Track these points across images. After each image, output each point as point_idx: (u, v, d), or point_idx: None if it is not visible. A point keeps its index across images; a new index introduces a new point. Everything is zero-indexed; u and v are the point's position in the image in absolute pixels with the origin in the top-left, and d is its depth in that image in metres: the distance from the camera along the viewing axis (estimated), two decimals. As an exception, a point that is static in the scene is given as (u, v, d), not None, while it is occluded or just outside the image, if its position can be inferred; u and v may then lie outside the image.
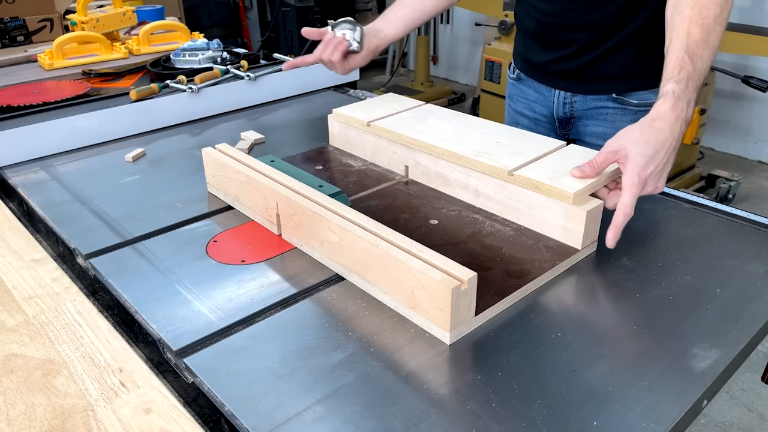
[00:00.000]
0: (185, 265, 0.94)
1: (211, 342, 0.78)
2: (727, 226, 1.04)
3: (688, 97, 0.90)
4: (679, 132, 0.89)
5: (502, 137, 1.10)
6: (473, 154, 1.05)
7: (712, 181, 3.43)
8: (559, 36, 1.29)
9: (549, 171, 0.97)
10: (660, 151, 0.87)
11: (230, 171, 1.08)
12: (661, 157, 0.88)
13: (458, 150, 1.07)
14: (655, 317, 0.82)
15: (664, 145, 0.88)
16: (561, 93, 1.35)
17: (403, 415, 0.67)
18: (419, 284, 0.77)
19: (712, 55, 0.94)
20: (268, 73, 1.72)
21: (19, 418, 0.68)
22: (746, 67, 3.64)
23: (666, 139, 0.88)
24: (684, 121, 0.90)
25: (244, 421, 0.66)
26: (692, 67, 0.91)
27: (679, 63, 0.92)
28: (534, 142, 1.08)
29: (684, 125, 0.90)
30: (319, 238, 0.92)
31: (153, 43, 2.15)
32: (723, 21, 0.95)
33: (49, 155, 1.36)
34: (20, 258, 0.99)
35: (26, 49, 2.16)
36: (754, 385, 2.13)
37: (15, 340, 0.81)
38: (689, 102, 0.90)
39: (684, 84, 0.90)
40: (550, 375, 0.72)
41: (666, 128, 0.88)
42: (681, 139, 0.90)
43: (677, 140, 0.89)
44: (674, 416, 0.66)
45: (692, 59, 0.91)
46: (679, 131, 0.89)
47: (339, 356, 0.75)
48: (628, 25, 1.21)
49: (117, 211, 1.10)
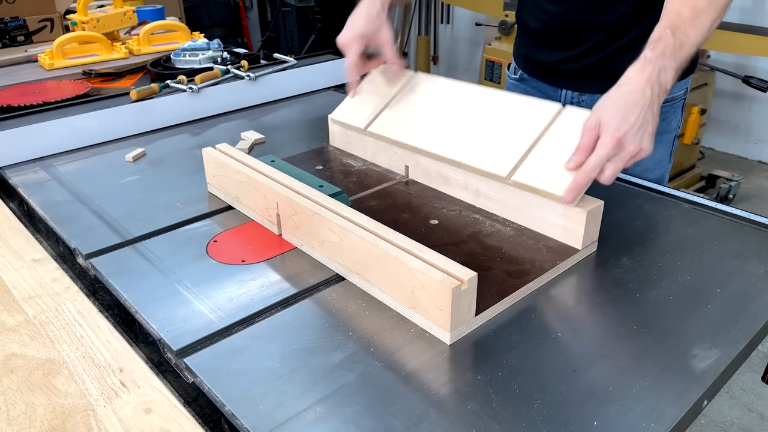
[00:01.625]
0: (185, 265, 0.94)
1: (212, 342, 0.78)
2: (728, 226, 1.04)
3: (662, 64, 0.89)
4: (651, 94, 0.88)
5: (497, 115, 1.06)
6: (471, 158, 1.04)
7: (713, 181, 3.43)
8: (568, 37, 1.28)
9: (547, 167, 0.95)
10: (631, 110, 0.87)
11: (230, 171, 1.08)
12: (635, 117, 0.87)
13: (456, 156, 1.06)
14: (655, 317, 0.82)
15: (636, 105, 0.87)
16: (568, 93, 1.35)
17: (404, 415, 0.67)
18: (419, 284, 0.77)
19: (700, 35, 0.93)
20: (268, 73, 1.72)
21: (19, 418, 0.68)
22: (746, 67, 3.64)
23: (636, 99, 0.87)
24: (656, 84, 0.89)
25: (245, 421, 0.66)
26: (673, 39, 0.91)
27: (658, 35, 0.92)
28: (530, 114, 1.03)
29: (657, 88, 0.89)
30: (320, 238, 0.92)
31: (153, 43, 2.15)
32: (719, 7, 0.94)
33: (49, 155, 1.36)
34: (20, 258, 0.99)
35: (26, 49, 2.16)
36: (755, 386, 2.13)
37: (15, 340, 0.81)
38: (663, 68, 0.90)
39: (659, 51, 0.90)
40: (551, 375, 0.72)
41: (634, 90, 0.88)
42: (658, 103, 0.89)
43: (651, 102, 0.88)
44: (674, 416, 0.66)
45: (674, 33, 0.91)
46: (650, 93, 0.88)
47: (339, 356, 0.75)
48: (638, 26, 1.20)
49: (117, 211, 1.10)
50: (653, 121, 0.89)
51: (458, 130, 1.09)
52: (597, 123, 0.89)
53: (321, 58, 1.88)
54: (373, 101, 1.24)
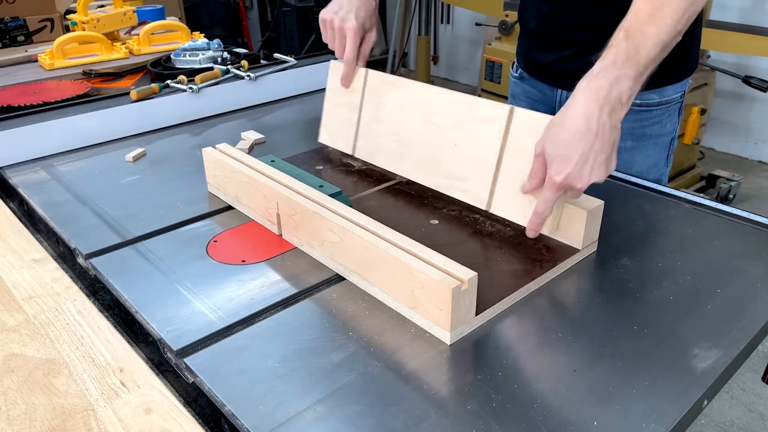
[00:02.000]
0: (186, 265, 0.94)
1: (212, 342, 0.78)
2: (728, 226, 1.04)
3: (614, 75, 0.82)
4: (600, 115, 0.81)
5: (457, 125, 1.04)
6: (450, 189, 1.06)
7: (713, 181, 3.43)
8: (561, 37, 1.29)
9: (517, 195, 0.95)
10: (575, 146, 0.81)
11: (231, 171, 1.08)
12: (578, 154, 0.81)
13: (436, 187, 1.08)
14: (655, 317, 0.82)
15: (580, 137, 0.81)
16: (563, 92, 1.35)
17: (404, 415, 0.67)
18: (420, 284, 0.77)
19: (663, 32, 0.85)
20: (268, 73, 1.72)
21: (19, 418, 0.68)
22: (747, 67, 3.64)
23: (580, 128, 0.81)
24: (606, 102, 0.81)
25: (245, 420, 0.66)
26: (626, 44, 0.84)
27: (611, 42, 0.86)
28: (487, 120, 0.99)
29: (608, 106, 0.81)
30: (320, 238, 0.92)
31: (153, 43, 2.15)
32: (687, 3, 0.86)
33: (49, 155, 1.36)
34: (21, 258, 0.99)
35: (27, 49, 2.16)
36: (755, 386, 2.13)
37: (15, 340, 0.81)
38: (617, 79, 0.82)
39: (609, 61, 0.83)
40: (551, 375, 0.72)
41: (579, 115, 0.81)
42: (611, 122, 0.82)
43: (601, 126, 0.81)
44: (675, 416, 0.66)
45: (628, 37, 0.84)
46: (598, 115, 0.81)
47: (339, 356, 0.75)
48: None
49: (117, 211, 1.11)
50: (605, 147, 0.82)
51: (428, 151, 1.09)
52: (542, 152, 0.85)
53: (321, 58, 1.88)
54: (347, 117, 1.24)
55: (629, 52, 0.84)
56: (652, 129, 1.30)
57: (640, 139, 1.31)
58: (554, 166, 0.83)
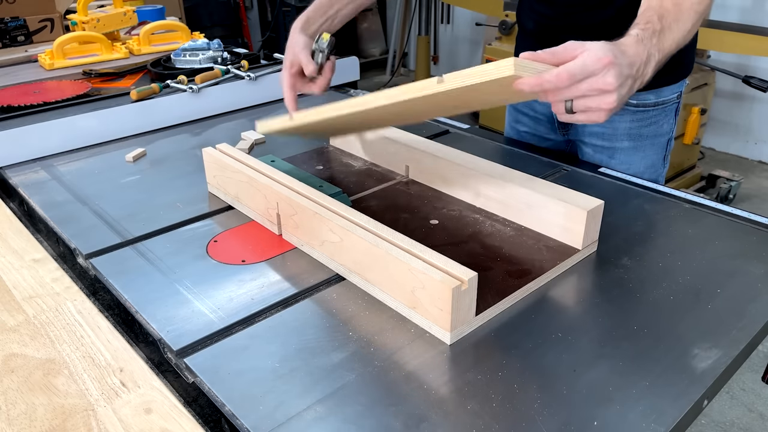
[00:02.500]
0: (186, 264, 0.94)
1: (212, 342, 0.78)
2: (728, 227, 1.04)
3: (649, 49, 0.80)
4: (637, 70, 0.78)
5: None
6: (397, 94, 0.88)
7: (713, 181, 3.43)
8: (559, 38, 1.28)
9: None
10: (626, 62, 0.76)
11: (231, 171, 1.08)
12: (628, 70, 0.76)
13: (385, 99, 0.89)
14: (655, 317, 0.82)
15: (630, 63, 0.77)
16: None
17: (404, 415, 0.67)
18: (420, 284, 0.77)
19: (681, 34, 0.86)
20: (268, 73, 1.71)
21: (19, 418, 0.68)
22: (747, 67, 3.64)
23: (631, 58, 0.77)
24: (642, 65, 0.79)
25: (245, 420, 0.66)
26: (660, 26, 0.83)
27: (646, 18, 0.85)
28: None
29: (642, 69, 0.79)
30: (320, 238, 0.92)
31: (153, 43, 2.15)
32: (699, 12, 0.88)
33: (49, 155, 1.36)
34: (21, 258, 0.99)
35: (27, 49, 2.16)
36: (755, 386, 2.13)
37: (15, 340, 0.81)
38: (649, 55, 0.80)
39: (648, 33, 0.82)
40: (551, 375, 0.72)
41: (631, 52, 0.78)
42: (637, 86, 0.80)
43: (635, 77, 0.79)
44: (675, 416, 0.66)
45: (661, 21, 0.84)
46: (637, 69, 0.78)
47: (339, 356, 0.75)
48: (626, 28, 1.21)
49: (117, 211, 1.11)
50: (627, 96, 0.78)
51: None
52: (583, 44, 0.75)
53: (321, 58, 1.88)
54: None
55: (659, 32, 0.83)
56: (649, 129, 1.31)
57: (638, 140, 1.31)
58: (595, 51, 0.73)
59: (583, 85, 0.74)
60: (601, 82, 0.74)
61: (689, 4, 0.89)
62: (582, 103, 0.76)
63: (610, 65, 0.74)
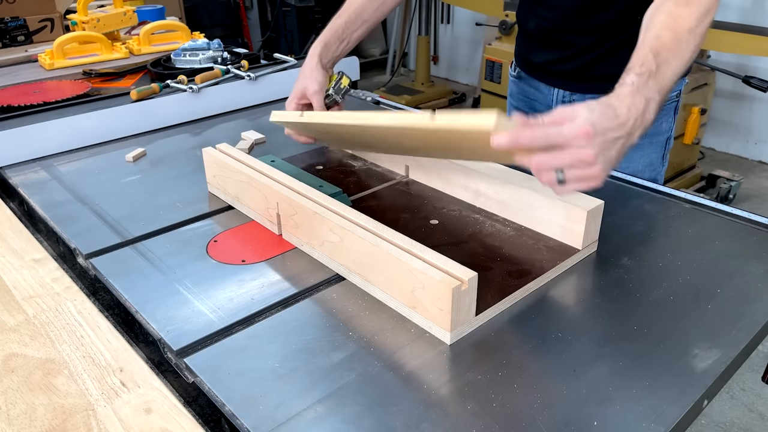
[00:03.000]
0: (186, 264, 0.94)
1: (212, 342, 0.78)
2: (728, 226, 1.04)
3: (647, 95, 0.80)
4: (633, 123, 0.78)
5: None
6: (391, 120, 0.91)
7: (713, 181, 3.43)
8: (559, 39, 1.30)
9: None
10: (613, 124, 0.76)
11: (231, 171, 1.08)
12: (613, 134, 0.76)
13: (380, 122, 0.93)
14: (655, 317, 0.82)
15: (620, 123, 0.77)
16: (560, 91, 1.37)
17: (404, 415, 0.67)
18: (420, 284, 0.77)
19: (680, 65, 0.86)
20: (268, 73, 1.72)
21: (19, 418, 0.68)
22: (747, 67, 3.64)
23: (620, 117, 0.77)
24: (641, 115, 0.79)
25: (245, 420, 0.66)
26: (655, 65, 0.83)
27: (641, 59, 0.84)
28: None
29: (640, 120, 0.79)
30: (320, 237, 0.92)
31: (153, 43, 2.15)
32: (698, 35, 0.89)
33: (49, 155, 1.36)
34: (21, 258, 0.99)
35: (27, 49, 2.16)
36: (755, 386, 2.13)
37: (16, 340, 0.81)
38: (649, 101, 0.80)
39: (644, 78, 0.82)
40: (551, 375, 0.72)
41: (623, 108, 0.78)
42: (633, 140, 0.79)
43: (630, 132, 0.78)
44: (675, 416, 0.66)
45: (656, 59, 0.84)
46: (633, 121, 0.78)
47: (339, 356, 0.75)
48: (627, 29, 1.21)
49: (117, 211, 1.11)
50: (619, 155, 0.78)
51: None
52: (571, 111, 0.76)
53: (321, 58, 1.88)
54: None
55: (655, 73, 0.83)
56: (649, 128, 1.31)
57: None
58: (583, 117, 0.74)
59: (566, 156, 0.74)
60: (581, 154, 0.74)
61: (687, 30, 0.88)
62: (572, 174, 0.76)
63: (587, 137, 0.73)
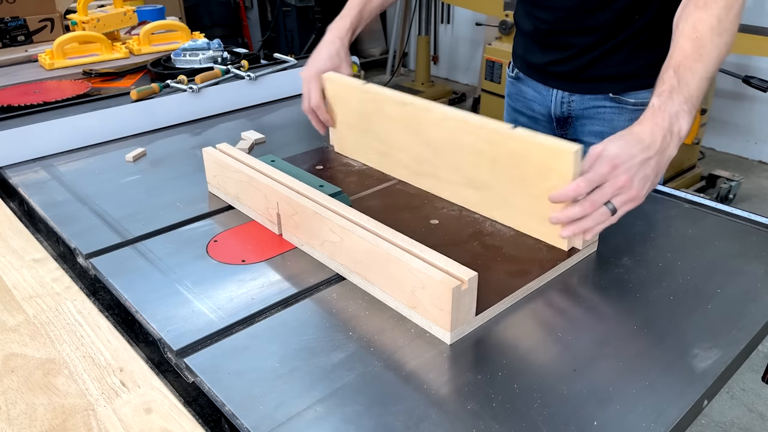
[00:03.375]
0: (186, 264, 0.94)
1: (212, 342, 0.78)
2: (728, 226, 1.04)
3: (674, 109, 0.88)
4: (662, 141, 0.87)
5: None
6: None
7: (713, 181, 3.43)
8: (557, 40, 1.30)
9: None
10: (638, 149, 0.85)
11: (231, 171, 1.08)
12: (640, 157, 0.85)
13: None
14: (655, 317, 0.82)
15: (645, 146, 0.86)
16: (559, 92, 1.36)
17: (404, 415, 0.67)
18: (420, 284, 0.77)
19: (708, 66, 0.92)
20: (268, 72, 1.72)
21: (19, 418, 0.68)
22: (747, 67, 3.64)
23: (645, 141, 0.86)
24: (668, 131, 0.87)
25: (245, 420, 0.66)
26: (677, 80, 0.90)
27: (662, 78, 0.92)
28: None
29: (669, 137, 0.87)
30: (320, 237, 0.92)
31: (153, 42, 2.15)
32: (724, 30, 0.93)
33: (49, 155, 1.36)
34: (21, 258, 0.99)
35: (27, 49, 2.16)
36: (755, 386, 2.13)
37: (16, 340, 0.81)
38: (677, 114, 0.88)
39: (666, 96, 0.89)
40: (551, 375, 0.72)
41: (646, 132, 0.87)
42: (668, 154, 0.88)
43: (661, 150, 0.87)
44: (675, 416, 0.66)
45: (678, 73, 0.91)
46: (661, 140, 0.87)
47: (339, 356, 0.75)
48: (625, 30, 1.21)
49: (117, 211, 1.11)
50: (656, 174, 0.87)
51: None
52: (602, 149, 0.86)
53: (321, 58, 1.88)
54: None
55: (678, 87, 0.90)
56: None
57: None
58: (611, 152, 0.84)
59: (607, 189, 0.85)
60: (618, 182, 0.84)
61: (708, 31, 0.93)
62: (617, 201, 0.86)
63: (616, 168, 0.84)
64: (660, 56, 0.96)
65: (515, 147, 0.93)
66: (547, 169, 0.89)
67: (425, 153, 1.09)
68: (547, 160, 0.89)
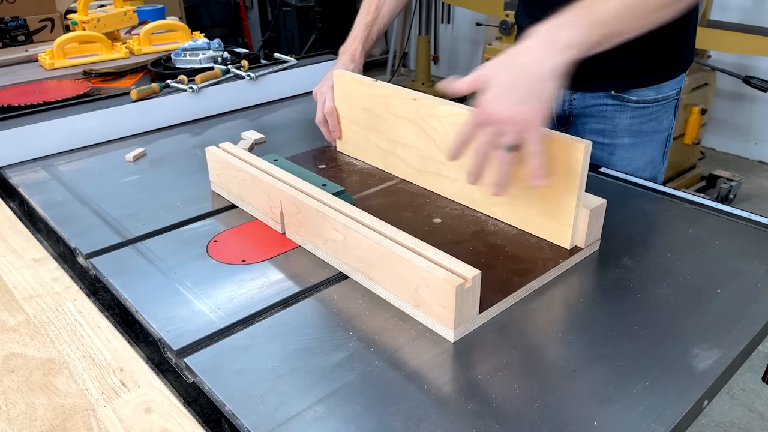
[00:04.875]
0: (186, 264, 0.94)
1: (212, 342, 0.78)
2: (728, 226, 1.04)
3: (563, 22, 0.83)
4: (527, 53, 0.82)
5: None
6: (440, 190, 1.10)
7: (713, 181, 3.43)
8: None
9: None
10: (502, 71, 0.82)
11: (234, 170, 1.08)
12: (503, 78, 0.81)
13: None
14: (655, 317, 0.82)
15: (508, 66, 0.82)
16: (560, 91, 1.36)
17: (404, 415, 0.66)
18: (423, 282, 0.77)
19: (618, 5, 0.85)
20: (268, 72, 1.71)
21: (19, 418, 0.68)
22: (747, 67, 3.64)
23: (513, 62, 0.82)
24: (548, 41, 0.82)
25: (245, 420, 0.66)
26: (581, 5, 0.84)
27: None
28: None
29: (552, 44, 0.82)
30: (323, 236, 0.92)
31: (154, 42, 2.15)
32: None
33: (49, 155, 1.36)
34: (21, 257, 0.99)
35: (27, 49, 2.16)
36: (755, 386, 2.13)
37: (16, 340, 0.81)
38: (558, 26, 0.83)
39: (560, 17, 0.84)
40: (551, 375, 0.72)
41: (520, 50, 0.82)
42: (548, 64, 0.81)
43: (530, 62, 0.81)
44: (675, 416, 0.66)
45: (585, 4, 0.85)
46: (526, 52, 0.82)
47: (340, 355, 0.75)
48: None
49: (118, 211, 1.10)
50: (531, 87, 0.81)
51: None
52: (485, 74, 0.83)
53: (321, 58, 1.88)
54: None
55: (580, 11, 0.84)
56: (649, 126, 1.31)
57: (637, 136, 1.31)
58: (482, 105, 0.83)
59: (486, 133, 0.83)
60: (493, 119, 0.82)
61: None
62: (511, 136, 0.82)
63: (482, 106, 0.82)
64: (661, 54, 0.95)
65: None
66: (555, 164, 0.88)
67: (431, 150, 1.09)
68: (555, 155, 0.88)
